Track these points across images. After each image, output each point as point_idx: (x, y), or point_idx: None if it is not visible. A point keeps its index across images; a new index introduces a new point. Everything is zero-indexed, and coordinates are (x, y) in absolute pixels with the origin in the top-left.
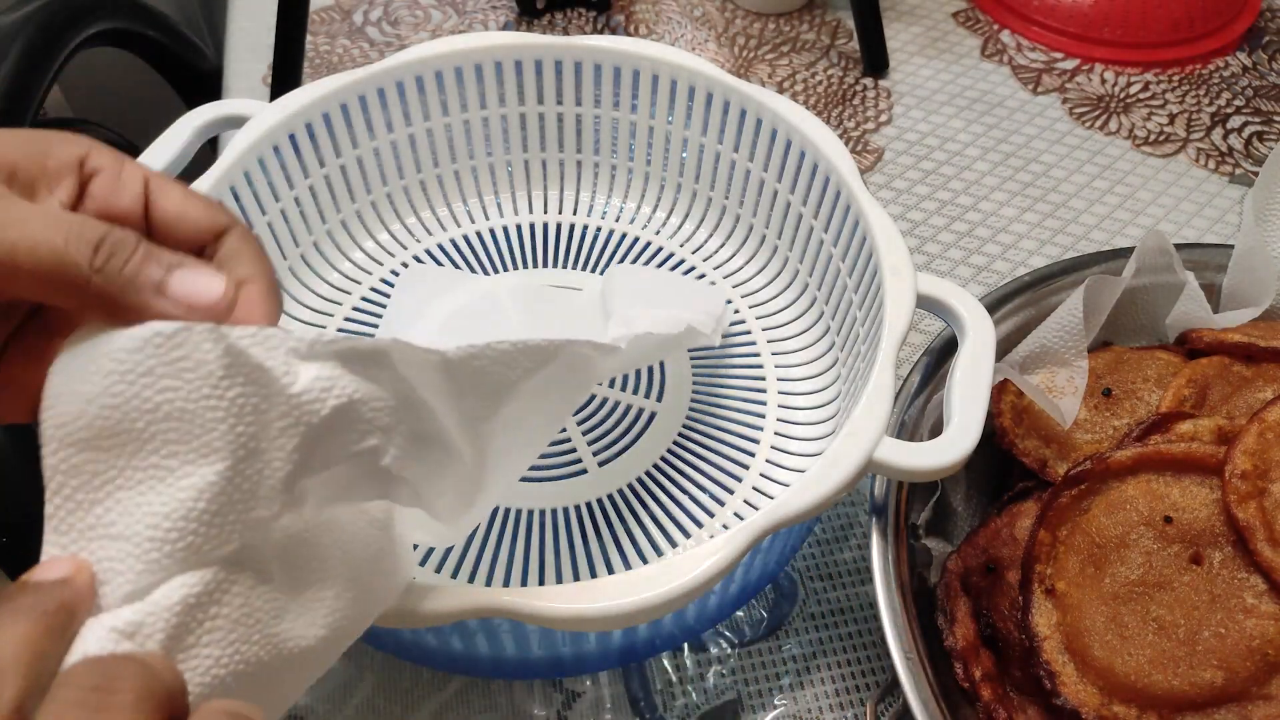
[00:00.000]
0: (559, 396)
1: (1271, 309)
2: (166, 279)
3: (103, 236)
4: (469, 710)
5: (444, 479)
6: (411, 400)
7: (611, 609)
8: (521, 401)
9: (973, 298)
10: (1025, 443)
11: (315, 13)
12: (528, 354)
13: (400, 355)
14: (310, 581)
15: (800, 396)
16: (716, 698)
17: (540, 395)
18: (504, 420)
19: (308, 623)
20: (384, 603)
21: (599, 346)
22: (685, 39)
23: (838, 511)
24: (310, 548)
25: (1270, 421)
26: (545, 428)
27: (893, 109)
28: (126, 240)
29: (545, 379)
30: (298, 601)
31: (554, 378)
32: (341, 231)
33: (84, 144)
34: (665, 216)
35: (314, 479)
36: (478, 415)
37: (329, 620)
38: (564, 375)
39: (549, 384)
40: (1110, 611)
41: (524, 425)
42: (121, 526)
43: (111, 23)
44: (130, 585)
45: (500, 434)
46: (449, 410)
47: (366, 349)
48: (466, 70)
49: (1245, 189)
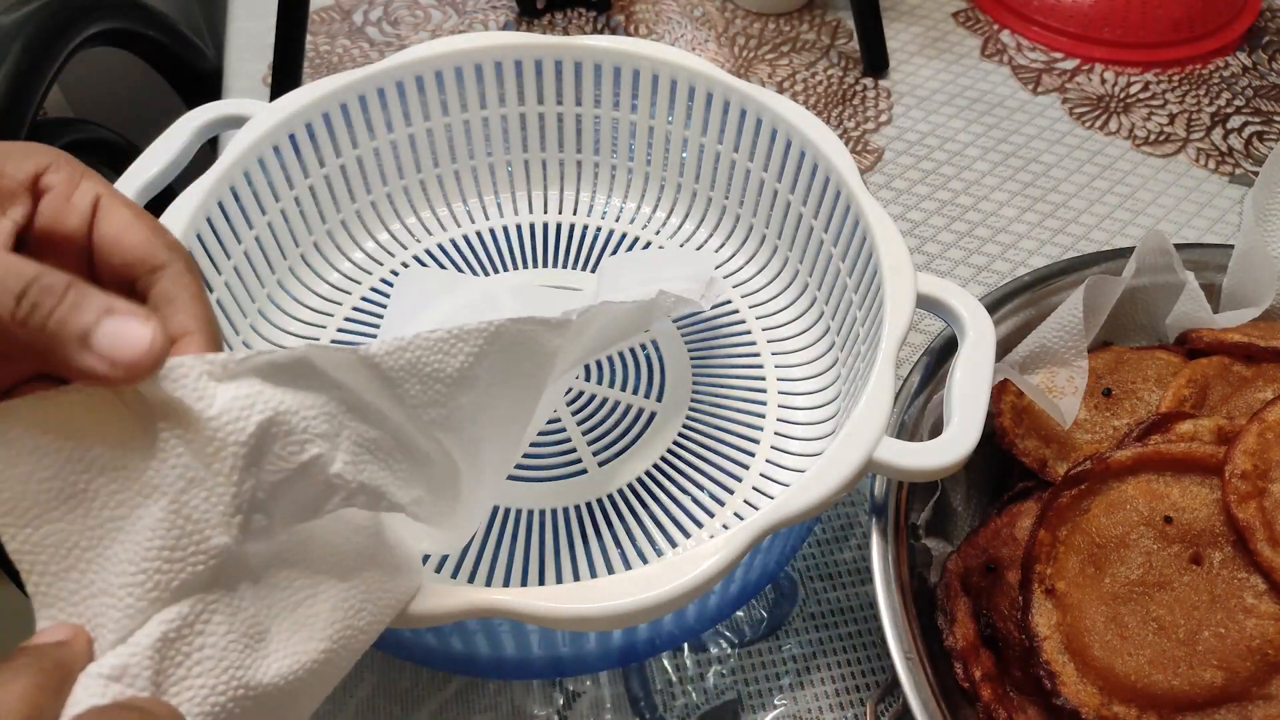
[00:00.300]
0: (520, 381)
1: (1271, 309)
2: (93, 330)
3: (27, 284)
4: (469, 710)
5: (414, 481)
6: (351, 404)
7: (611, 609)
8: (478, 390)
9: (973, 298)
10: (1025, 443)
11: (315, 13)
12: (464, 338)
13: (322, 360)
14: (301, 599)
15: (800, 396)
16: (716, 698)
17: (499, 381)
18: (465, 412)
19: (305, 637)
20: (393, 606)
21: (546, 322)
22: (685, 39)
23: (838, 511)
24: (293, 566)
25: (1270, 421)
26: (516, 416)
27: (893, 109)
28: (54, 287)
29: (498, 364)
30: (292, 619)
31: (507, 361)
32: (341, 231)
33: (44, 158)
34: (665, 216)
35: (268, 497)
36: (427, 409)
37: (330, 632)
38: (517, 358)
39: (504, 368)
40: (1110, 611)
41: (490, 415)
42: (100, 583)
43: (111, 23)
44: (115, 634)
45: (466, 426)
46: (393, 408)
47: (284, 359)
48: (466, 70)
49: (1245, 189)
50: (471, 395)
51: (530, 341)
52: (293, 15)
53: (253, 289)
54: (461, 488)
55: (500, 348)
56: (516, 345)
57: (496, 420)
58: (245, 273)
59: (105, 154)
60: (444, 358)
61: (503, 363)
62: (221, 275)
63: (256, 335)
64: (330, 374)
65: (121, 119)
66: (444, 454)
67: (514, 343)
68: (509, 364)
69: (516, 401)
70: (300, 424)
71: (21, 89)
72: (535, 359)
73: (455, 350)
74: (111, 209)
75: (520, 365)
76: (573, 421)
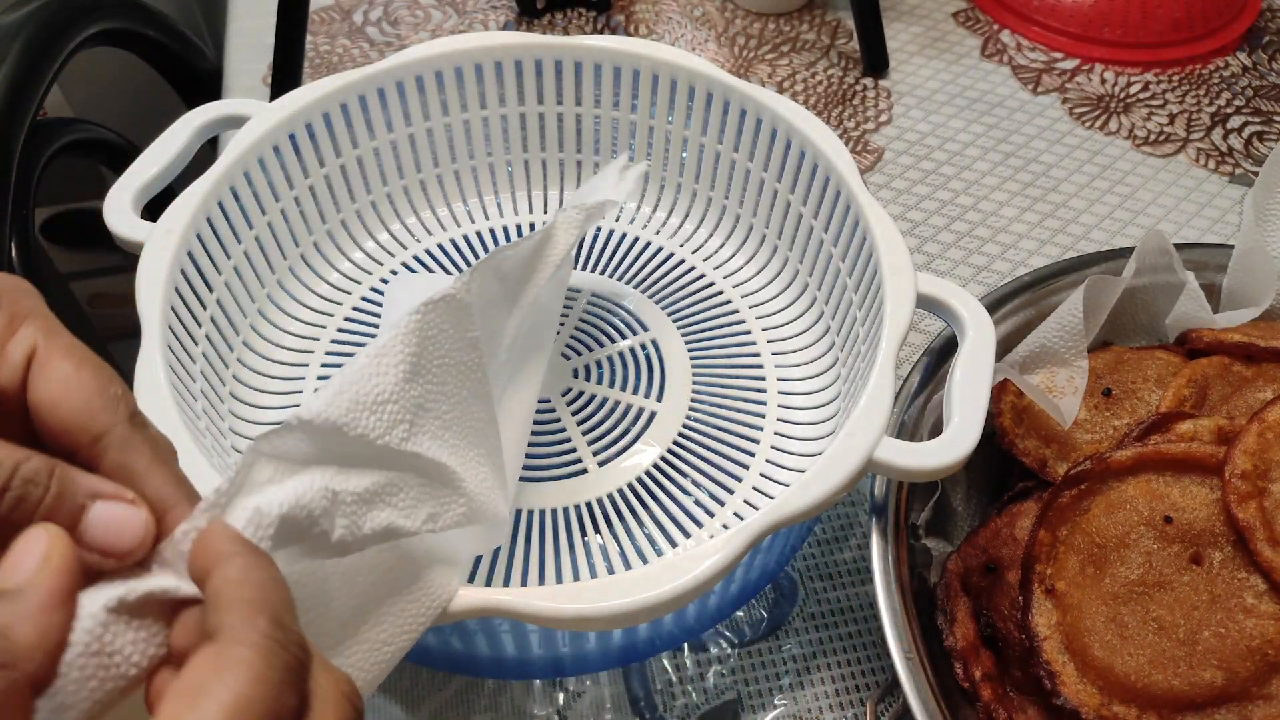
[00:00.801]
0: (460, 362)
1: (1271, 309)
2: (83, 521)
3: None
4: (469, 710)
5: (420, 503)
6: (335, 460)
7: (611, 609)
8: (428, 387)
9: (973, 298)
10: (1025, 443)
11: (315, 13)
12: (386, 354)
13: (280, 446)
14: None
15: (800, 396)
16: (716, 698)
17: (441, 372)
18: (426, 414)
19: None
20: (425, 615)
21: (436, 300)
22: (685, 39)
23: (838, 511)
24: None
25: (1270, 421)
26: (477, 394)
27: (893, 109)
28: (37, 477)
29: (430, 358)
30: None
31: (436, 352)
32: (341, 231)
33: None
34: (665, 216)
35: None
36: (392, 430)
37: (346, 661)
38: (443, 345)
39: (438, 359)
40: (1110, 611)
41: (451, 406)
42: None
43: (111, 23)
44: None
45: (435, 428)
46: (365, 447)
47: (259, 473)
48: (466, 70)
49: (1245, 189)
50: (421, 394)
51: (443, 323)
52: (293, 15)
53: (253, 289)
54: (465, 483)
55: (420, 342)
56: (435, 334)
57: (462, 407)
58: (245, 273)
59: (105, 154)
60: (379, 379)
61: (434, 355)
62: (222, 275)
63: (257, 335)
64: (298, 453)
65: (121, 119)
66: (430, 463)
67: (431, 334)
68: (440, 353)
69: (468, 381)
70: (303, 518)
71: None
72: (459, 339)
73: (385, 368)
74: (49, 363)
75: (450, 351)
76: (573, 421)
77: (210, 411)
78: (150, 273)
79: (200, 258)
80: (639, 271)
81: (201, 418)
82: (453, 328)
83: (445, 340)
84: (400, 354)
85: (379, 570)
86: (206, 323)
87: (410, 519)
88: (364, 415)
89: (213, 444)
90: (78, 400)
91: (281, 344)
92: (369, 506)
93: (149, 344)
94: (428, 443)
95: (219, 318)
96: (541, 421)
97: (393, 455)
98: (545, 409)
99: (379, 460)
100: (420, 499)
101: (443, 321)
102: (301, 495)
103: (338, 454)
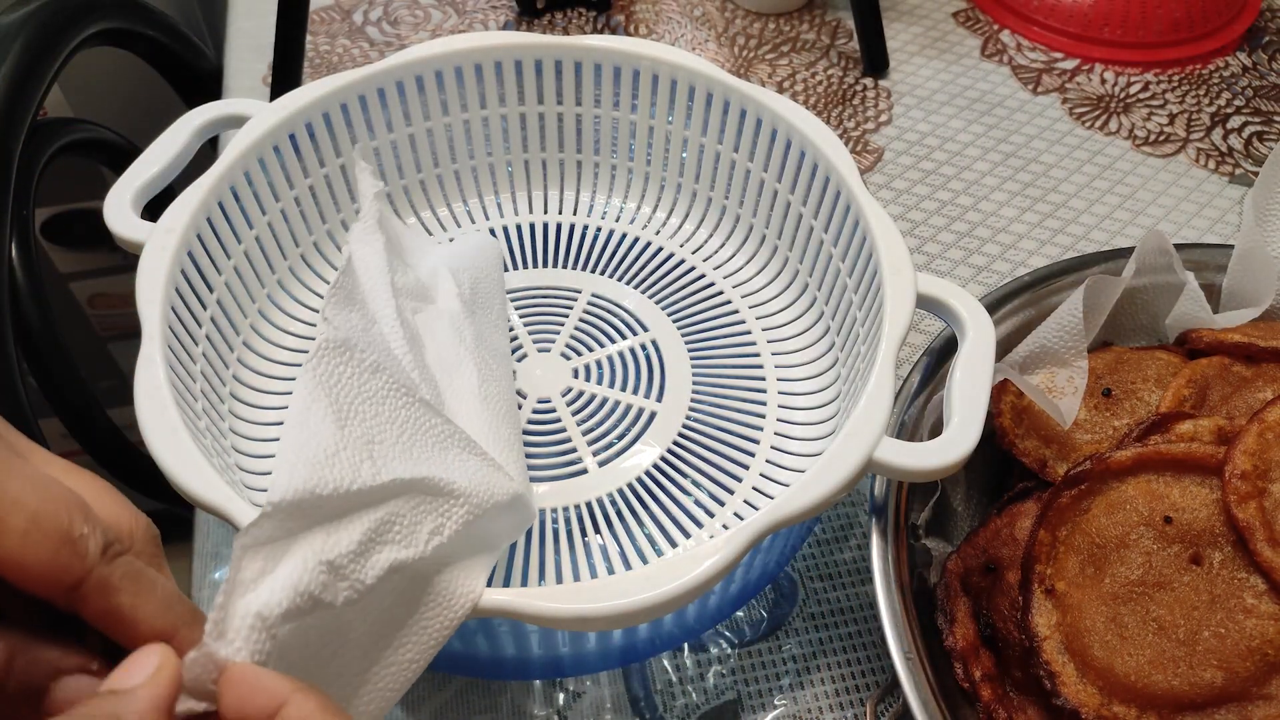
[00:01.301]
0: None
1: (1271, 309)
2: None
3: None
4: (469, 710)
5: (420, 523)
6: (321, 524)
7: (611, 609)
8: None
9: (973, 298)
10: (1025, 443)
11: (315, 13)
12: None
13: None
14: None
15: (800, 396)
16: (716, 698)
17: (370, 414)
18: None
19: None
20: (449, 624)
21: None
22: (685, 39)
23: (838, 511)
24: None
25: (1270, 421)
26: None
27: (893, 109)
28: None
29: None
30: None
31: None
32: (342, 231)
33: None
34: (665, 216)
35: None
36: (361, 471)
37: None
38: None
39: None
40: (1110, 611)
41: (407, 437)
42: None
43: (111, 23)
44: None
45: (402, 460)
46: (342, 501)
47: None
48: (466, 70)
49: (1245, 189)
50: (363, 431)
51: (334, 366)
52: (293, 15)
53: (253, 289)
54: (456, 485)
55: (328, 391)
56: (334, 380)
57: (412, 425)
58: (245, 273)
59: (105, 154)
60: (318, 437)
61: (348, 396)
62: (222, 275)
63: (257, 335)
64: (282, 532)
65: (121, 119)
66: (412, 481)
67: (331, 381)
68: (352, 393)
69: (396, 402)
70: (304, 604)
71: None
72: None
73: (315, 425)
74: (5, 520)
75: (360, 385)
76: (573, 421)
77: (210, 411)
78: (150, 273)
79: (200, 258)
80: (639, 271)
81: (201, 418)
82: (345, 366)
83: (348, 379)
84: (320, 409)
85: (395, 593)
86: (206, 323)
87: (411, 546)
88: (326, 471)
89: (213, 444)
90: (43, 555)
91: (281, 344)
92: (367, 555)
93: (149, 344)
94: (398, 466)
95: (219, 318)
96: (542, 421)
97: (373, 492)
98: (545, 409)
99: (362, 502)
100: (417, 520)
101: (332, 365)
102: (298, 582)
103: (320, 516)
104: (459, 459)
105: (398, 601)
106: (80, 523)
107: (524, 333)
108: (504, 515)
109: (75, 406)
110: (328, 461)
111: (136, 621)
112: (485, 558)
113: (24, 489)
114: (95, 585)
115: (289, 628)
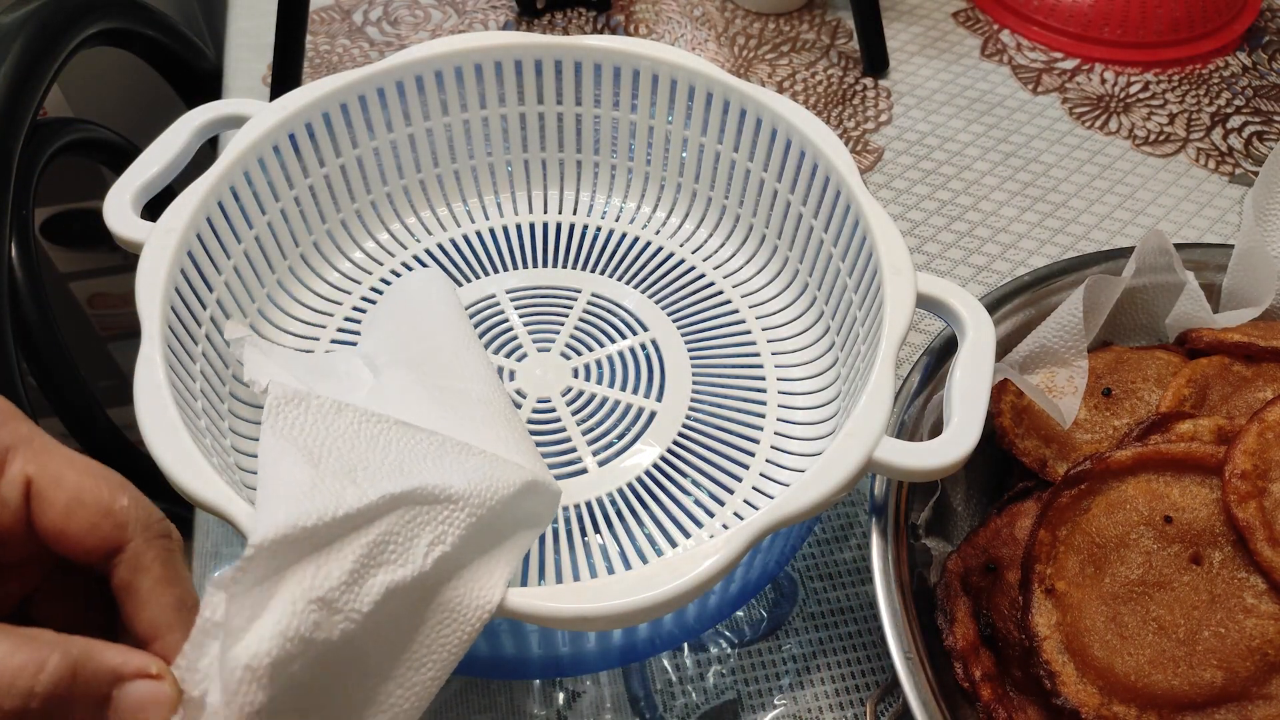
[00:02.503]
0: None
1: (1271, 309)
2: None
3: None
4: (468, 709)
5: (419, 534)
6: (309, 556)
7: (611, 609)
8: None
9: (973, 298)
10: (1025, 443)
11: (315, 13)
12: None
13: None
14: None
15: (800, 396)
16: (716, 698)
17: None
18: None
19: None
20: (467, 634)
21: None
22: (685, 39)
23: (838, 511)
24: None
25: (1270, 421)
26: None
27: (893, 109)
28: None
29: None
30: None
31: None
32: (341, 231)
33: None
34: (665, 216)
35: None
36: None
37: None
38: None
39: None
40: (1110, 611)
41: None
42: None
43: (111, 22)
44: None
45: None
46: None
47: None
48: (466, 70)
49: (1245, 189)
50: (338, 464)
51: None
52: (293, 15)
53: (253, 289)
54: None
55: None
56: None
57: (390, 445)
58: (245, 273)
59: (105, 154)
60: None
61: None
62: (222, 275)
63: (257, 335)
64: (270, 571)
65: (121, 119)
66: (402, 495)
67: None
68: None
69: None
70: (296, 648)
71: (21, 89)
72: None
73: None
74: (47, 494)
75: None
76: (573, 421)
77: (210, 411)
78: (150, 273)
79: (200, 258)
80: (639, 271)
81: (201, 417)
82: (305, 413)
83: (312, 424)
84: (290, 459)
85: (405, 614)
86: (206, 323)
87: (409, 564)
88: (307, 504)
89: (213, 444)
90: (84, 524)
91: (282, 344)
92: (360, 582)
93: (149, 344)
94: (386, 484)
95: (219, 318)
96: (542, 421)
97: (362, 514)
98: (545, 409)
99: (352, 525)
100: (413, 534)
101: (292, 417)
102: (286, 627)
103: (308, 548)
104: (454, 462)
105: (410, 621)
106: (120, 495)
107: (524, 333)
108: (518, 505)
109: (75, 406)
110: (308, 495)
111: (143, 608)
112: (503, 557)
113: (64, 468)
114: (129, 557)
115: (291, 671)
